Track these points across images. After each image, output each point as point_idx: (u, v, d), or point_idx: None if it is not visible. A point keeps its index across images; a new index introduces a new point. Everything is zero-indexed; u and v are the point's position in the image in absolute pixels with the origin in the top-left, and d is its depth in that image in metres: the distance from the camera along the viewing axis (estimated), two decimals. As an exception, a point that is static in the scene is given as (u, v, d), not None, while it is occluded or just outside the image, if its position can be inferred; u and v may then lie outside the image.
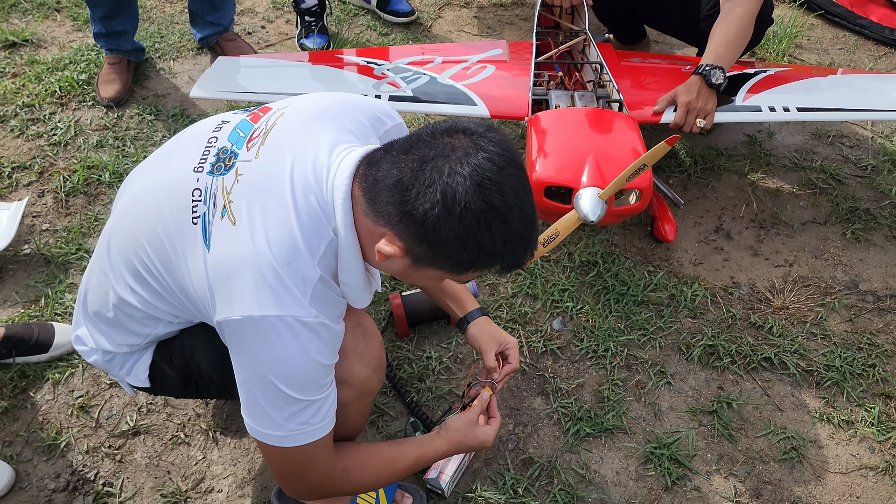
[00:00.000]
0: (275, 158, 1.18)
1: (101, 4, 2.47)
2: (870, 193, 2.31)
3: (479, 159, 1.04)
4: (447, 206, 1.03)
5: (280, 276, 1.10)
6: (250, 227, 1.12)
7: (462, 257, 1.09)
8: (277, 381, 1.12)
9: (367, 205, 1.11)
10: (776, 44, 2.85)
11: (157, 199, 1.23)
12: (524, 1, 3.18)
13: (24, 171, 2.34)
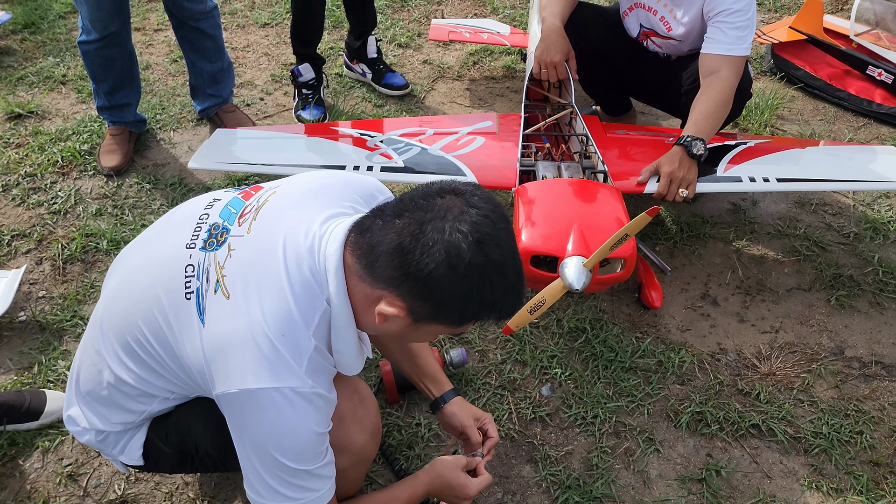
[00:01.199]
0: (267, 233, 1.21)
1: (105, 80, 2.57)
2: (853, 260, 2.36)
3: (475, 216, 1.09)
4: (451, 263, 1.07)
5: (276, 347, 1.12)
6: (245, 301, 1.15)
7: (465, 311, 1.14)
8: (277, 453, 1.15)
9: (363, 270, 1.15)
10: (758, 115, 2.94)
11: (150, 278, 1.26)
12: (514, 74, 3.29)
13: (23, 238, 2.38)
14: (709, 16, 2.23)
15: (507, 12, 3.72)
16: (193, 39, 2.66)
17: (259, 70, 3.31)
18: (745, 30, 2.18)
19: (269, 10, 3.76)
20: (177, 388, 1.30)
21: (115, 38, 2.47)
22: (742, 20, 2.17)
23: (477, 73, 3.31)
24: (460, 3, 3.84)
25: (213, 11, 2.64)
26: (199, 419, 1.35)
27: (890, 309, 2.20)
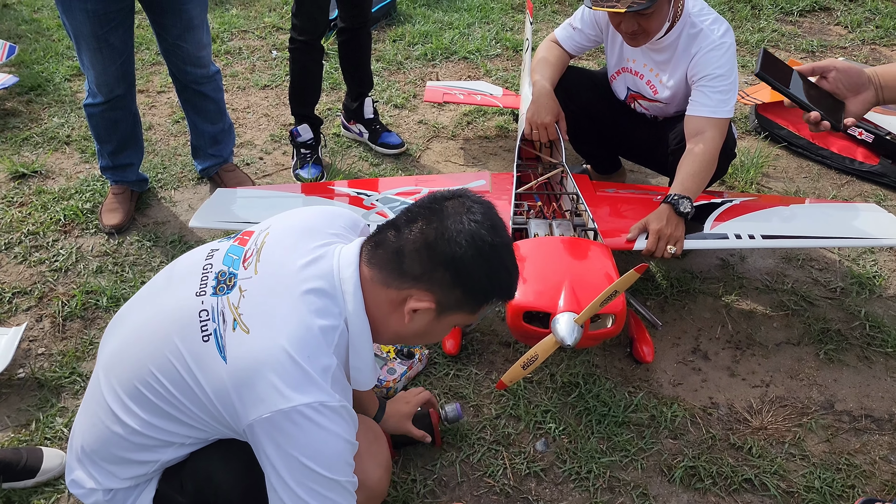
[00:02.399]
0: (274, 270, 1.30)
1: (109, 141, 2.64)
2: (840, 315, 2.40)
3: (482, 209, 1.29)
4: (477, 246, 1.25)
5: (302, 366, 1.21)
6: (265, 332, 1.23)
7: (487, 292, 1.31)
8: (311, 463, 1.21)
9: (388, 276, 1.28)
10: (744, 173, 3.02)
11: (162, 327, 1.31)
12: (507, 133, 3.39)
13: (24, 296, 2.42)
14: (692, 80, 2.32)
15: (499, 74, 3.84)
16: (196, 102, 2.74)
17: (259, 130, 3.40)
18: (727, 93, 2.27)
19: (268, 73, 3.87)
20: (195, 432, 1.33)
21: (120, 101, 2.55)
22: (724, 84, 2.27)
23: (471, 132, 3.40)
24: (454, 65, 3.97)
25: (215, 76, 2.73)
26: (220, 463, 1.37)
27: (878, 363, 2.23)
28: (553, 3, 4.64)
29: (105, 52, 2.38)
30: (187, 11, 2.48)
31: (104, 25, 2.33)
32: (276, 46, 4.14)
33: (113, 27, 2.35)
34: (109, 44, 2.38)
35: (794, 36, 4.24)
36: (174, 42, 2.54)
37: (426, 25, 4.31)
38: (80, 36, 2.35)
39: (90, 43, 2.36)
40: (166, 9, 2.46)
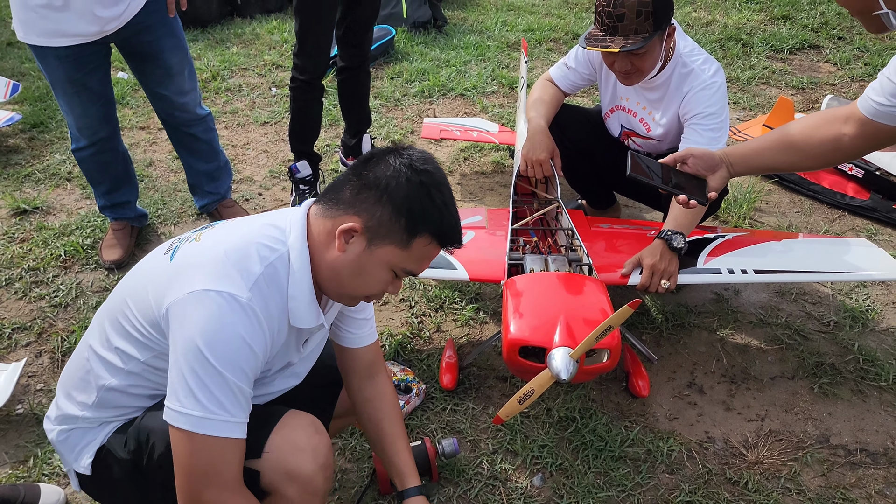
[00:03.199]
0: (230, 224, 1.47)
1: (102, 182, 2.68)
2: (834, 349, 2.42)
3: (415, 154, 1.39)
4: (403, 173, 1.34)
5: (227, 264, 1.31)
6: (212, 241, 1.38)
7: (415, 220, 1.35)
8: (204, 348, 1.25)
9: (326, 208, 1.39)
10: (737, 208, 3.07)
11: (138, 273, 1.46)
12: (503, 169, 3.43)
13: (23, 331, 2.43)
14: (685, 118, 2.37)
15: (495, 111, 3.91)
16: (187, 143, 2.77)
17: (258, 166, 3.44)
18: (718, 131, 2.32)
19: (268, 110, 3.94)
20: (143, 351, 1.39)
21: (106, 143, 2.57)
22: (716, 122, 2.32)
23: (467, 168, 3.45)
24: (451, 102, 4.04)
25: (205, 118, 2.74)
26: (159, 424, 1.37)
27: (872, 396, 2.25)
28: (548, 42, 4.73)
29: (83, 97, 2.39)
30: (165, 60, 2.48)
31: (80, 70, 2.34)
32: (276, 84, 4.21)
33: (89, 71, 2.36)
34: (87, 88, 2.38)
35: (784, 73, 4.33)
36: (154, 89, 2.56)
37: (423, 63, 4.39)
38: (56, 82, 2.36)
39: (66, 88, 2.36)
40: (144, 57, 2.46)
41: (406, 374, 2.17)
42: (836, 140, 1.64)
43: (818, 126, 1.68)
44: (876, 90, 1.53)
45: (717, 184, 1.74)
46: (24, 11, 2.22)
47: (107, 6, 2.25)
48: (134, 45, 2.42)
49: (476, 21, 5.03)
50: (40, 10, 2.20)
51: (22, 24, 2.25)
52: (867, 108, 1.56)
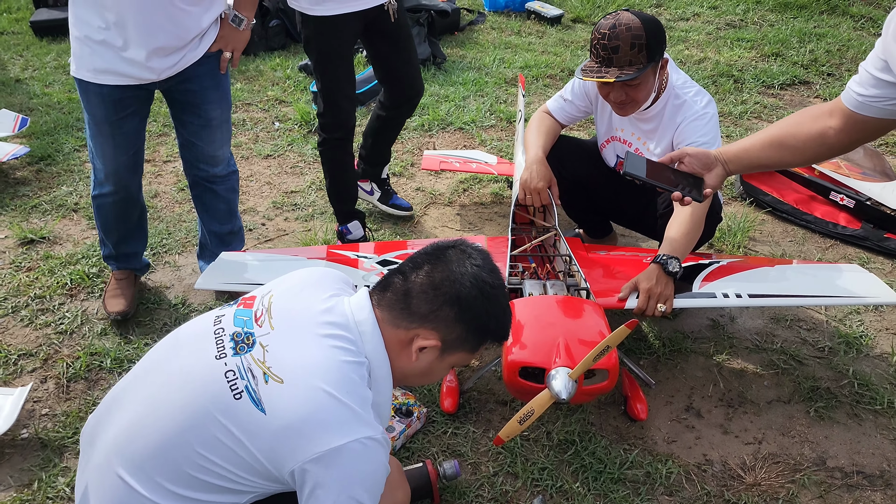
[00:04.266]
0: (289, 323, 1.37)
1: (115, 231, 2.59)
2: (829, 373, 2.46)
3: (481, 257, 1.45)
4: (479, 287, 1.40)
5: (345, 403, 1.28)
6: (301, 378, 1.29)
7: (486, 330, 1.45)
8: (360, 493, 1.28)
9: (398, 316, 1.40)
10: (731, 236, 3.13)
11: (187, 395, 1.32)
12: (501, 200, 3.50)
13: (29, 357, 2.47)
14: (678, 147, 2.44)
15: (493, 144, 3.99)
16: (206, 200, 2.66)
17: (261, 197, 3.50)
18: None
19: (271, 143, 4.02)
20: (236, 497, 1.35)
21: (129, 192, 2.49)
22: None
23: (467, 199, 3.52)
24: (450, 135, 4.12)
25: (230, 176, 2.64)
26: None
27: (867, 420, 2.28)
28: (544, 78, 4.84)
29: (118, 139, 2.33)
30: (207, 111, 2.43)
31: (120, 112, 2.29)
32: (279, 119, 4.30)
33: (128, 114, 2.31)
34: (123, 131, 2.33)
35: (776, 108, 4.42)
36: (189, 138, 2.49)
37: (423, 98, 4.44)
38: (94, 121, 2.32)
39: (103, 129, 2.31)
40: (185, 106, 2.42)
41: (407, 398, 2.20)
42: (821, 135, 1.65)
43: (804, 122, 1.70)
44: (857, 82, 1.55)
45: (714, 181, 1.79)
46: (81, 46, 2.20)
47: (163, 56, 2.22)
48: (179, 92, 2.37)
49: (474, 58, 5.15)
50: (96, 47, 2.17)
51: (76, 58, 2.23)
52: (850, 100, 1.57)
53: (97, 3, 2.11)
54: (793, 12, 5.98)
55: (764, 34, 5.51)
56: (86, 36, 2.17)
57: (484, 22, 5.87)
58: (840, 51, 5.22)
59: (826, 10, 5.98)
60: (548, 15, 5.85)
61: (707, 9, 6.10)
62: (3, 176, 3.58)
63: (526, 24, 5.88)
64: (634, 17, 2.25)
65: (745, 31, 5.64)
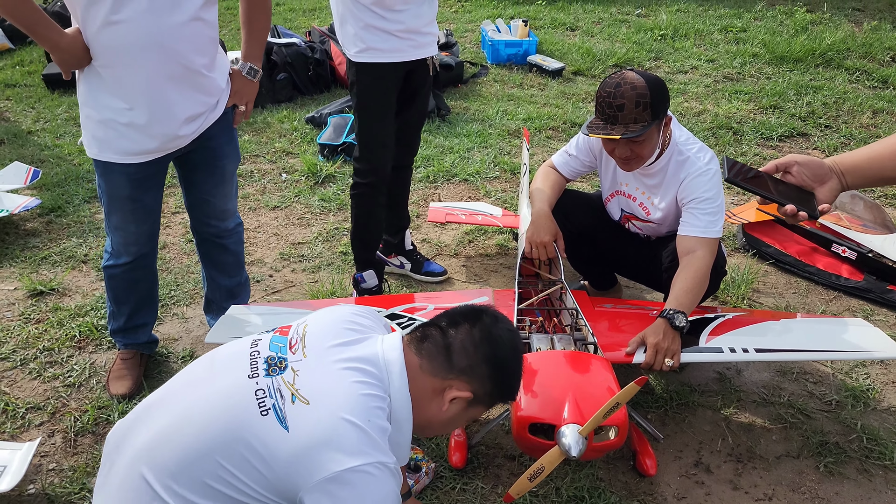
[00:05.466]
0: (321, 353, 1.47)
1: (126, 302, 2.53)
2: (837, 427, 2.45)
3: (508, 323, 1.60)
4: (514, 350, 1.57)
5: (364, 430, 1.35)
6: (326, 401, 1.37)
7: (510, 388, 1.59)
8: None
9: (437, 366, 1.51)
10: (735, 289, 3.15)
11: (217, 409, 1.41)
12: (507, 251, 3.53)
13: (37, 411, 2.47)
14: (682, 202, 2.48)
15: (498, 195, 4.04)
16: (215, 255, 2.66)
17: (269, 249, 3.54)
18: (715, 215, 2.43)
19: (278, 195, 4.07)
20: None
21: (143, 261, 2.47)
22: (712, 206, 2.43)
23: (472, 250, 3.55)
24: (455, 187, 4.18)
25: (237, 228, 2.65)
26: None
27: (877, 476, 2.27)
28: (547, 130, 4.92)
29: (139, 213, 2.33)
30: (223, 167, 2.44)
31: (142, 186, 2.28)
32: (286, 170, 4.36)
33: (149, 188, 2.31)
34: (144, 205, 2.32)
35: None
36: (202, 196, 2.48)
37: (428, 150, 4.56)
38: (116, 198, 2.29)
39: (125, 205, 2.29)
40: (200, 165, 2.40)
41: (415, 453, 2.20)
42: None
43: None
44: None
45: (828, 196, 1.48)
46: (104, 129, 2.17)
47: (187, 123, 2.23)
48: (197, 152, 2.35)
49: (478, 110, 5.25)
50: (122, 129, 2.15)
51: (98, 141, 2.19)
52: None
53: (120, 85, 2.10)
54: (789, 66, 6.11)
55: (761, 87, 5.63)
56: (110, 119, 2.15)
57: (487, 75, 5.99)
58: (836, 103, 5.32)
59: (821, 64, 6.12)
60: (549, 68, 5.97)
61: (705, 62, 6.23)
62: (14, 227, 3.62)
63: (528, 76, 6.01)
64: (639, 76, 2.31)
65: (743, 83, 5.76)
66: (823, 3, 8.01)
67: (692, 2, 8.13)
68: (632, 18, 7.54)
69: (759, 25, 7.20)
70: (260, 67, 2.44)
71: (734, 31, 7.03)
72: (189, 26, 2.09)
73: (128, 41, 2.03)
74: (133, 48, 2.03)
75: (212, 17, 2.18)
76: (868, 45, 6.43)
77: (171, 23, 2.05)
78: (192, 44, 2.12)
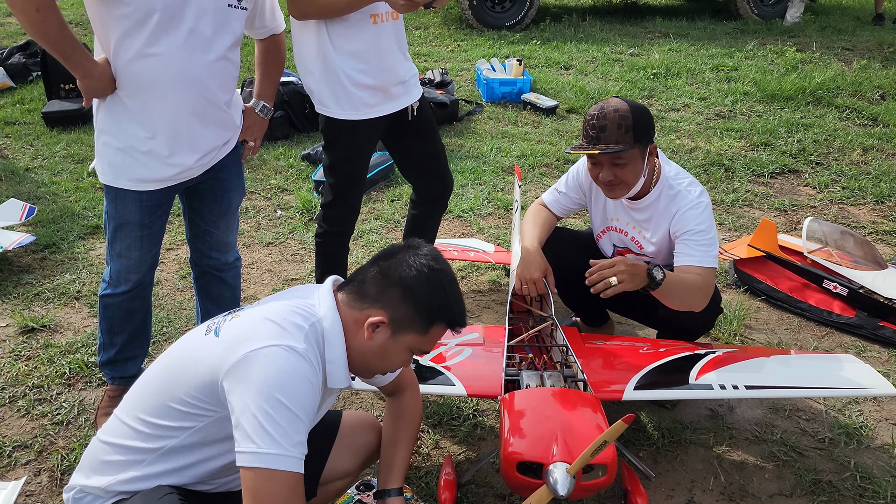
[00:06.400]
0: (263, 303, 1.68)
1: (120, 332, 2.51)
2: (830, 465, 2.44)
3: (428, 251, 1.68)
4: (421, 272, 1.63)
5: (277, 323, 1.53)
6: (252, 314, 1.59)
7: (432, 311, 1.64)
8: (280, 394, 1.43)
9: (352, 298, 1.66)
10: (727, 325, 3.15)
11: (178, 354, 1.66)
12: (499, 287, 3.54)
13: (24, 449, 2.45)
14: (675, 236, 2.50)
15: (491, 232, 4.07)
16: (213, 289, 2.67)
17: (262, 285, 3.55)
18: (709, 246, 2.44)
19: (273, 231, 4.09)
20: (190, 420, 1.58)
21: (142, 290, 2.48)
22: (706, 238, 2.44)
23: (465, 286, 3.56)
24: (448, 223, 4.20)
25: (236, 262, 2.68)
26: None
27: (871, 514, 2.25)
28: (540, 167, 4.97)
29: (146, 241, 2.34)
30: (230, 199, 2.48)
31: (153, 214, 2.31)
32: (281, 207, 4.39)
33: (160, 214, 2.35)
34: (151, 232, 2.34)
35: (766, 196, 4.53)
36: (206, 228, 2.51)
37: (422, 187, 4.59)
38: (125, 224, 2.29)
39: (133, 231, 2.30)
40: (208, 196, 2.44)
41: (405, 492, 2.18)
42: None
43: None
44: None
45: None
46: (122, 157, 2.20)
47: (207, 153, 2.29)
48: (207, 182, 2.40)
49: (472, 147, 5.30)
50: (141, 157, 2.19)
51: (113, 168, 2.22)
52: None
53: (146, 115, 2.15)
54: (780, 103, 6.19)
55: (752, 124, 5.70)
56: (130, 147, 2.18)
57: (482, 112, 6.07)
58: (827, 140, 5.38)
59: (812, 102, 6.20)
60: (543, 106, 6.05)
61: (696, 100, 6.32)
62: (8, 264, 3.63)
63: (522, 114, 6.08)
64: (623, 102, 2.39)
65: (734, 121, 5.83)
66: (813, 42, 8.15)
67: (684, 41, 8.26)
68: (625, 57, 7.66)
69: (749, 64, 7.31)
70: (272, 106, 2.55)
71: (725, 69, 7.14)
72: (217, 64, 2.19)
73: (160, 73, 2.10)
74: (164, 80, 2.11)
75: (236, 58, 2.29)
76: (857, 83, 6.53)
77: (203, 60, 2.14)
78: (218, 80, 2.22)
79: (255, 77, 2.56)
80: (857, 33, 8.71)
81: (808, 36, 8.53)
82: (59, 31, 2.01)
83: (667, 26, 9.06)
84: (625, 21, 9.53)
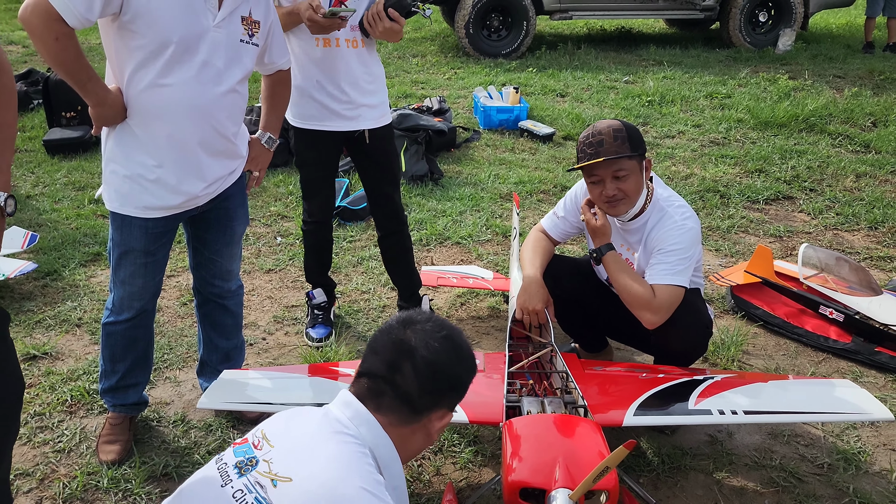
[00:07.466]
0: (287, 438, 1.46)
1: (123, 360, 2.51)
2: (830, 491, 2.45)
3: (433, 326, 1.60)
4: (457, 356, 1.61)
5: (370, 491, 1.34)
6: (310, 472, 1.34)
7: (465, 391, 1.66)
8: None
9: (406, 417, 1.54)
10: (725, 350, 3.17)
11: None
12: (498, 314, 3.56)
13: (26, 477, 2.45)
14: (652, 251, 2.55)
15: (490, 258, 4.10)
16: (216, 316, 2.68)
17: (262, 312, 3.57)
18: (681, 265, 2.47)
19: (273, 258, 4.12)
20: None
21: (145, 318, 2.48)
22: (678, 258, 2.47)
23: (464, 313, 3.58)
24: (447, 250, 4.24)
25: (238, 290, 2.70)
26: None
27: (871, 540, 2.26)
28: (538, 193, 5.02)
29: (149, 268, 2.36)
30: (234, 228, 2.52)
31: (158, 241, 2.33)
32: (281, 234, 4.42)
33: (164, 242, 2.37)
34: (155, 259, 2.36)
35: (761, 222, 4.58)
36: (210, 256, 2.53)
37: (421, 213, 4.64)
38: (130, 251, 2.30)
39: (137, 258, 2.32)
40: (213, 224, 2.47)
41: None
42: None
43: None
44: None
45: None
46: (129, 184, 2.23)
47: (213, 182, 2.33)
48: (212, 211, 2.43)
49: (470, 174, 5.36)
50: (148, 185, 2.22)
51: (120, 195, 2.24)
52: None
53: (156, 144, 2.19)
54: (773, 130, 6.28)
55: (747, 151, 5.77)
56: (138, 175, 2.22)
57: (479, 139, 6.14)
58: (820, 167, 5.45)
59: (805, 129, 6.28)
60: (540, 133, 6.12)
61: (691, 127, 6.40)
62: (10, 291, 3.65)
63: (519, 141, 6.15)
64: (612, 119, 2.52)
65: (729, 148, 5.90)
66: (805, 70, 8.28)
67: (678, 69, 8.38)
68: (620, 85, 7.76)
69: (743, 92, 7.42)
70: (278, 137, 2.62)
71: (719, 97, 7.24)
72: (227, 97, 2.25)
73: (171, 104, 2.15)
74: (175, 111, 2.16)
75: (245, 91, 2.36)
76: (849, 110, 6.62)
77: (213, 92, 2.20)
78: (227, 112, 2.28)
79: (262, 110, 2.63)
80: (847, 61, 8.84)
81: (800, 64, 8.67)
82: (75, 60, 2.05)
83: (660, 54, 9.20)
84: (619, 49, 9.67)
